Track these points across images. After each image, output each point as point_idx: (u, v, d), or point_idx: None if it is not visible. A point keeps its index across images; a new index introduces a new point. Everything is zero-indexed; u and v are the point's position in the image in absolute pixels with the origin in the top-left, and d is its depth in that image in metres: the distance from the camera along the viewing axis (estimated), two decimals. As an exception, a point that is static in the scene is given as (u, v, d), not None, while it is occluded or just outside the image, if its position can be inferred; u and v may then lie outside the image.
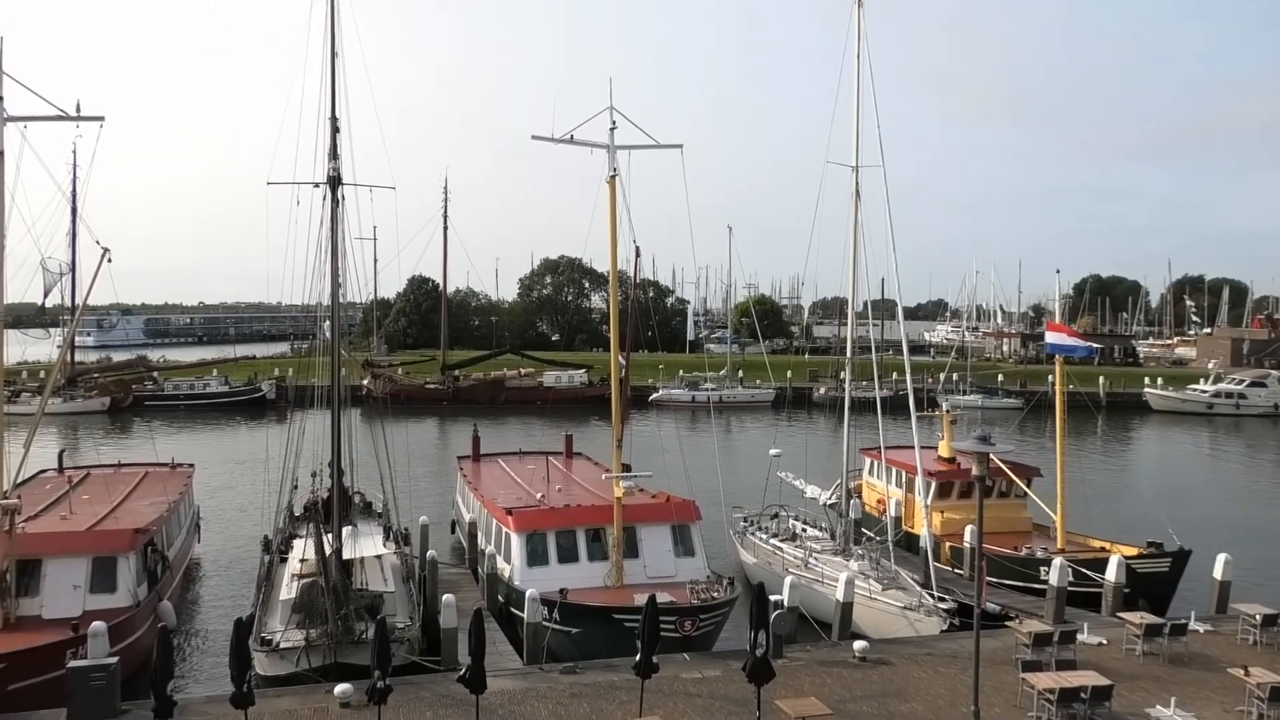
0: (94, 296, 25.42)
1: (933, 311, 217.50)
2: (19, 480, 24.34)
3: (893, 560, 25.76)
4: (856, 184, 27.01)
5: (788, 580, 22.31)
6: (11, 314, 21.59)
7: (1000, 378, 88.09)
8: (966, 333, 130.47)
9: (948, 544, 28.94)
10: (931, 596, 23.33)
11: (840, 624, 22.50)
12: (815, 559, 26.50)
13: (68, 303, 70.46)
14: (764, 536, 29.69)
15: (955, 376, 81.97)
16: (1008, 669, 19.38)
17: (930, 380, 76.16)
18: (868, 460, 36.02)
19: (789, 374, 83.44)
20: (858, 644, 20.71)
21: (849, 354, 29.36)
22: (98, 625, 18.34)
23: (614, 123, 23.91)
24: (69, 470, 33.52)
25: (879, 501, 33.78)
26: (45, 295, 70.87)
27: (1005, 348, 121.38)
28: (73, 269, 68.63)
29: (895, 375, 64.31)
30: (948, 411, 34.66)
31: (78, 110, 21.71)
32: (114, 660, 17.69)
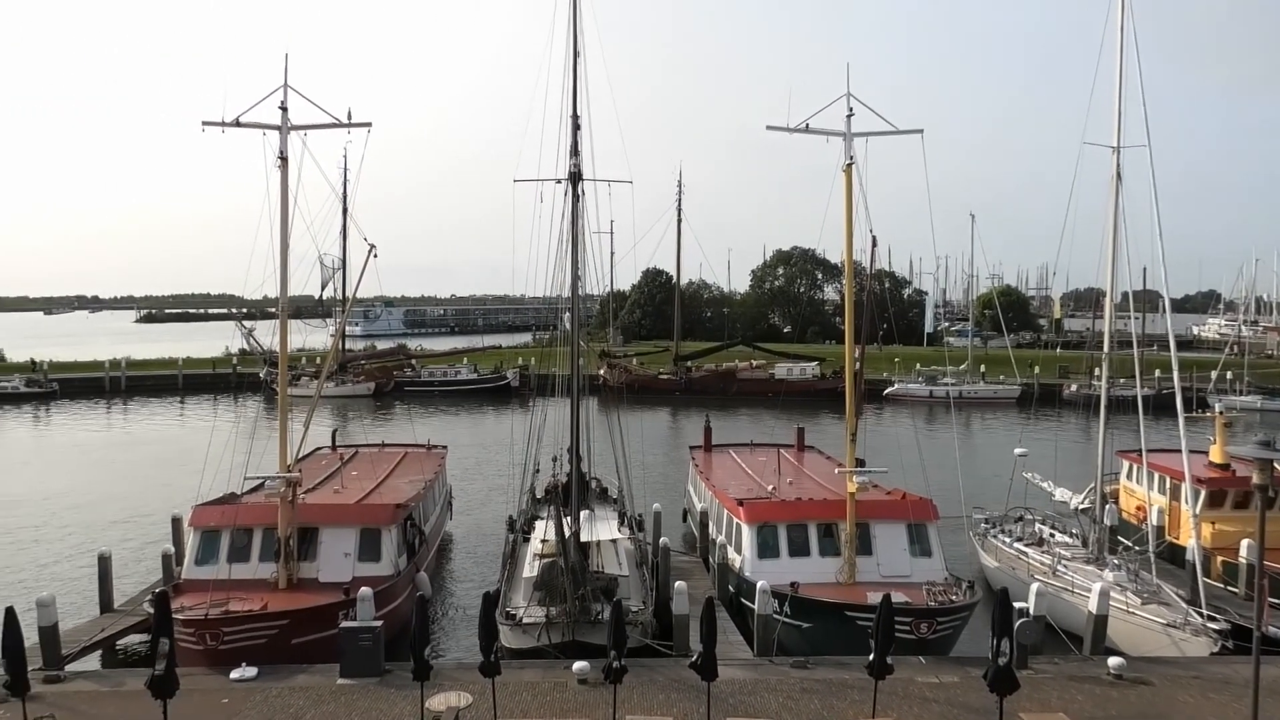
0: (361, 289, 27.53)
1: (1202, 304, 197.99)
2: (299, 455, 26.91)
3: (1154, 573, 23.77)
4: (1118, 166, 25.03)
5: (1034, 587, 21.06)
6: (293, 305, 23.79)
7: (1285, 377, 79.03)
8: (1243, 327, 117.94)
9: (1219, 558, 26.29)
10: (1200, 614, 21.32)
11: (1093, 637, 20.99)
12: (1065, 566, 24.89)
13: (339, 295, 77.48)
14: (1007, 540, 28.19)
15: (1229, 375, 74.38)
16: (1292, 700, 17.43)
17: (1199, 379, 69.49)
18: (1126, 464, 33.41)
19: (1036, 369, 78.69)
20: (1113, 660, 19.26)
21: (1106, 349, 27.27)
22: (365, 590, 20.03)
23: (850, 109, 23.37)
24: (340, 448, 36.74)
25: (1138, 509, 31.25)
26: (322, 288, 78.53)
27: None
28: (344, 264, 75.42)
29: (1157, 373, 59.41)
30: (1221, 413, 31.48)
31: (349, 118, 23.48)
32: (379, 623, 19.25)
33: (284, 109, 22.85)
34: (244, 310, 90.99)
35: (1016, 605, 18.11)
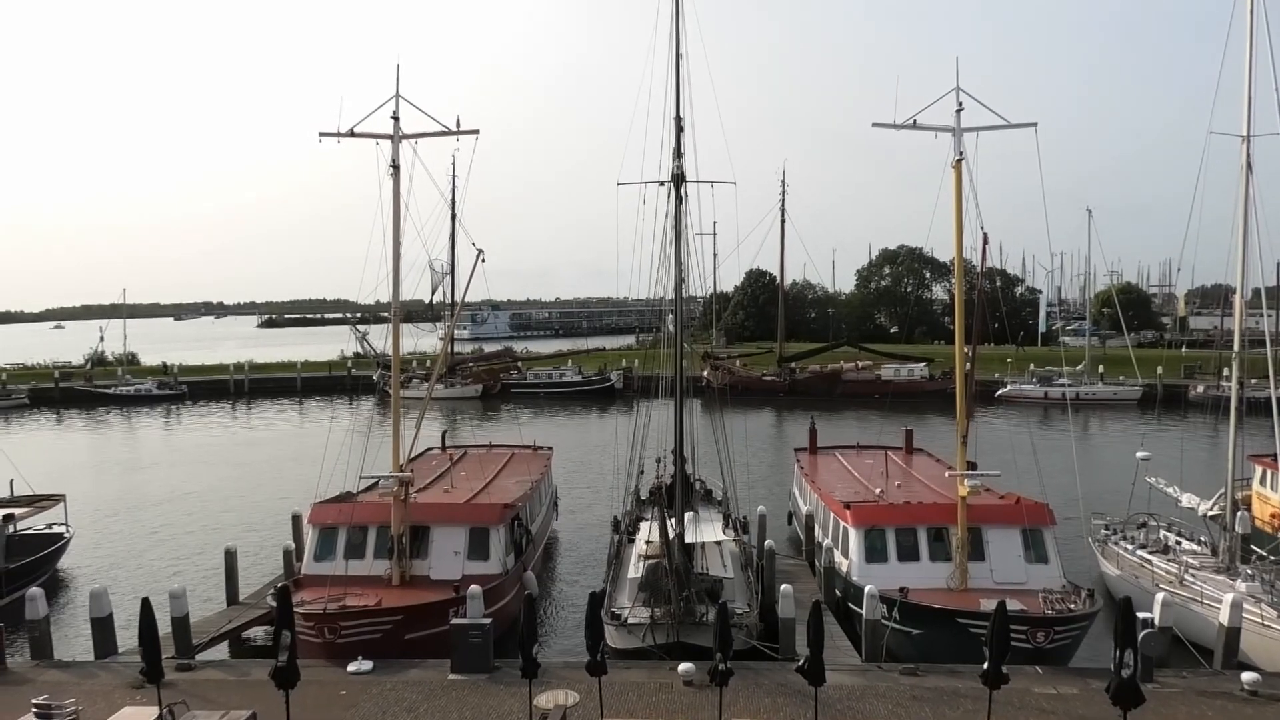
0: (469, 293, 28.01)
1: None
2: (411, 456, 27.60)
3: (1292, 584, 22.47)
4: (1248, 155, 23.77)
5: (1159, 597, 20.16)
6: (404, 309, 24.37)
7: None
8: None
9: (1365, 569, 24.73)
10: (1343, 629, 20.07)
11: (1224, 651, 19.97)
12: (1193, 575, 23.75)
13: (448, 299, 79.29)
14: (1130, 547, 27.05)
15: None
16: None
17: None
18: (1259, 469, 31.70)
19: (1159, 369, 75.34)
20: (1247, 675, 18.26)
21: (1236, 347, 25.94)
22: (474, 588, 20.42)
23: (960, 104, 22.81)
24: (450, 449, 37.59)
25: (1273, 516, 29.61)
26: (432, 293, 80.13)
27: None
28: (452, 269, 76.91)
29: (1294, 372, 56.07)
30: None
31: (458, 125, 23.90)
32: (488, 621, 19.60)
33: (396, 118, 23.43)
34: (358, 315, 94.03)
35: (1140, 615, 17.35)
